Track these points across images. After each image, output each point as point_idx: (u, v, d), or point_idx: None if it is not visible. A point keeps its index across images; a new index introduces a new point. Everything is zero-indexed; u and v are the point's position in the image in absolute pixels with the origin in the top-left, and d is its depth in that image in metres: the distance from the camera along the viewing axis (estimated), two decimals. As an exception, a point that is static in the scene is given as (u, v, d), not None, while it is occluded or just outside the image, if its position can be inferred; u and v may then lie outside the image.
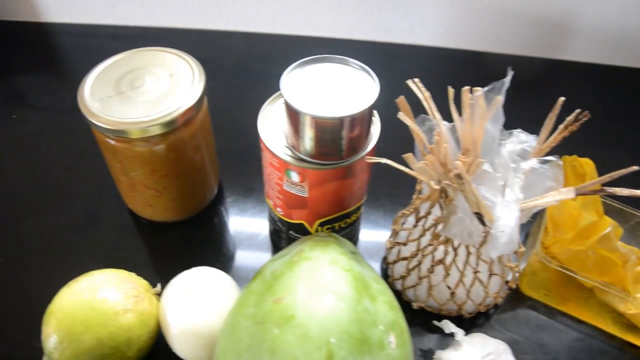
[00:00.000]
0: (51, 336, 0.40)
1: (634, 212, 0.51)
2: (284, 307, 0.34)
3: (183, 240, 0.53)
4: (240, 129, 0.64)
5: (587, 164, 0.47)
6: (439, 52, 0.80)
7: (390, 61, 0.77)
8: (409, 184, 0.57)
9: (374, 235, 0.55)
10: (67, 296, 0.41)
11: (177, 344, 0.42)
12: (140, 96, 0.45)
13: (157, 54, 0.49)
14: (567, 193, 0.36)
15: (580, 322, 0.49)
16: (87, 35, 0.81)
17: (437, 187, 0.38)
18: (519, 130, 0.43)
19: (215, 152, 0.54)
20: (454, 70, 0.76)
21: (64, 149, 0.63)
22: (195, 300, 0.42)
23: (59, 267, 0.51)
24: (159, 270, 0.51)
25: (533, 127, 0.43)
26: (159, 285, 0.45)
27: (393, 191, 0.59)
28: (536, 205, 0.38)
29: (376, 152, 0.43)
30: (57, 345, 0.39)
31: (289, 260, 0.38)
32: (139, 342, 0.41)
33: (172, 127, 0.44)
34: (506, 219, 0.37)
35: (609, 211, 0.50)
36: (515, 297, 0.51)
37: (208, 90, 0.48)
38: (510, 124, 0.41)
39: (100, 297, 0.41)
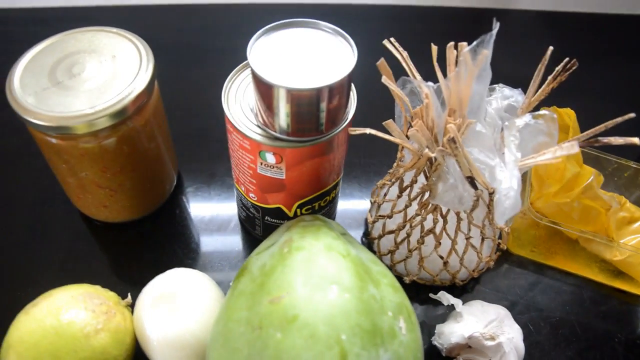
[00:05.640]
0: (13, 371, 0.35)
1: (609, 158, 0.51)
2: (284, 306, 0.31)
3: (146, 240, 0.48)
4: (192, 110, 0.59)
5: (567, 115, 0.46)
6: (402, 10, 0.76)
7: (345, 23, 0.73)
8: (381, 152, 0.55)
9: (351, 210, 0.52)
10: (27, 324, 0.36)
11: (159, 358, 0.38)
12: (82, 84, 0.39)
13: (95, 34, 0.43)
14: (570, 148, 0.34)
15: (568, 274, 0.49)
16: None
17: (432, 154, 0.35)
18: (501, 85, 0.41)
19: (171, 139, 0.49)
20: (421, 29, 0.73)
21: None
22: (174, 307, 0.38)
23: (9, 290, 0.44)
24: (125, 277, 0.46)
25: (509, 82, 0.41)
26: (129, 296, 0.41)
27: (364, 161, 0.55)
28: (535, 163, 0.36)
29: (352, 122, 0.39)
30: (22, 382, 0.34)
31: (279, 252, 0.34)
32: (116, 362, 0.37)
33: (122, 117, 0.39)
34: (508, 181, 0.35)
35: (586, 160, 0.50)
36: (503, 258, 0.49)
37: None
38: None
39: (65, 320, 0.36)
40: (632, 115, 0.36)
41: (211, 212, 0.50)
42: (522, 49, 0.61)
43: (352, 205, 0.52)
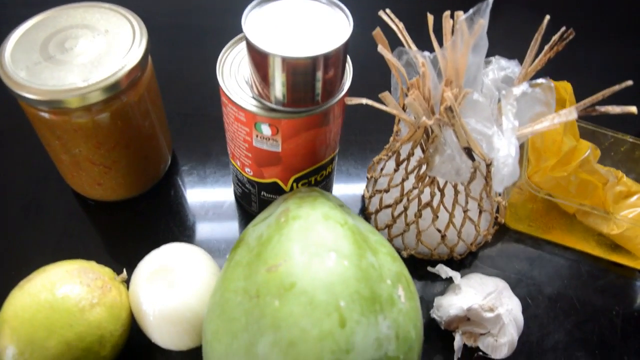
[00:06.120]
0: (7, 348, 0.34)
1: (606, 132, 0.50)
2: (281, 274, 0.30)
3: (141, 219, 0.48)
4: (186, 89, 0.58)
5: (564, 88, 0.46)
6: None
7: None
8: (376, 128, 0.54)
9: (347, 186, 0.52)
10: (21, 299, 0.35)
11: (156, 332, 0.38)
12: (75, 59, 0.39)
13: (87, 9, 0.42)
14: (569, 114, 0.33)
15: (566, 248, 0.49)
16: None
17: (430, 121, 0.35)
18: (498, 56, 0.41)
19: (165, 117, 0.48)
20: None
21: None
22: (170, 282, 0.38)
23: (2, 269, 0.44)
24: (120, 255, 0.45)
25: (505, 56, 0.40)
26: (124, 272, 0.40)
27: (360, 138, 0.55)
28: (533, 132, 0.36)
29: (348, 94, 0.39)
30: (17, 357, 0.34)
31: (275, 222, 0.34)
32: (112, 338, 0.37)
33: (115, 91, 0.38)
34: (506, 149, 0.35)
35: (583, 134, 0.49)
36: (500, 232, 0.49)
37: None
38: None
39: (60, 295, 0.35)
40: (630, 82, 0.36)
41: (206, 189, 0.50)
42: (518, 24, 0.61)
43: (348, 182, 0.52)
